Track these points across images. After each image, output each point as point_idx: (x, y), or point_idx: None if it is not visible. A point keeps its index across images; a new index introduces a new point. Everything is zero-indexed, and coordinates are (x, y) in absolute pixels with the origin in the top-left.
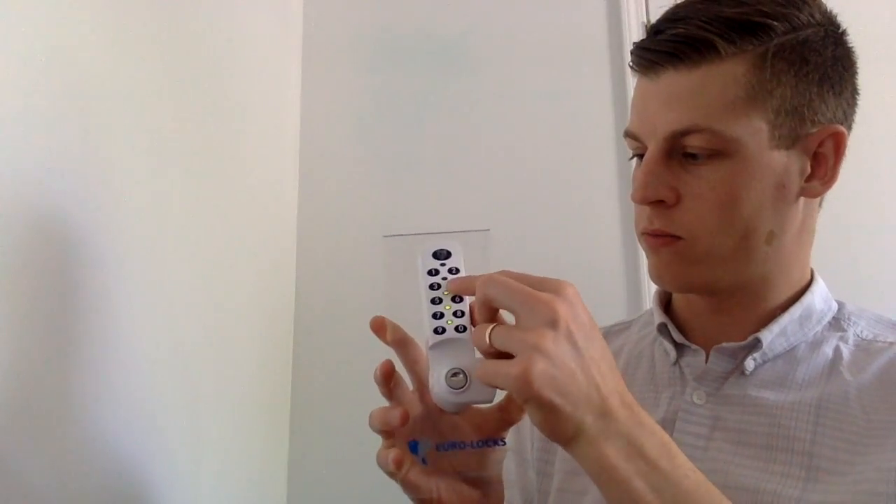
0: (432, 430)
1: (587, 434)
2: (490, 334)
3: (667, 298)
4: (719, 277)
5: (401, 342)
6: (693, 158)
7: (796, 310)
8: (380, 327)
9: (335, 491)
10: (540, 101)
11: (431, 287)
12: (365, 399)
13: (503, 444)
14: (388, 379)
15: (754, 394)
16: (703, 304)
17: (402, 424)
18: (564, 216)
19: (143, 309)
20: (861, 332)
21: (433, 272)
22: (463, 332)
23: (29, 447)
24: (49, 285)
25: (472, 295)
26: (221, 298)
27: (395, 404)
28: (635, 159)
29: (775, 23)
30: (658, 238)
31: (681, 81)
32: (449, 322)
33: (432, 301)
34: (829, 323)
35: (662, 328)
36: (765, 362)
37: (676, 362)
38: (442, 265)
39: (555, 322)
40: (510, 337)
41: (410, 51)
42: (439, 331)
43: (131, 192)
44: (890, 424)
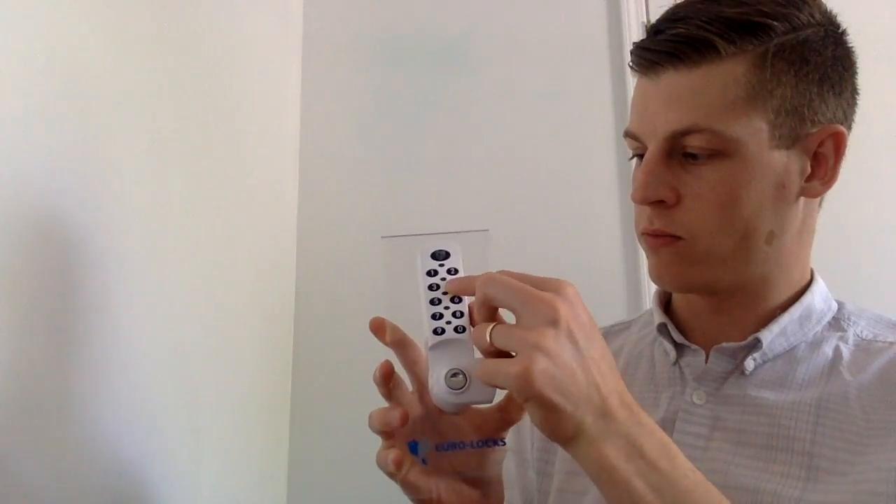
0: (432, 431)
1: (587, 434)
2: (491, 333)
3: (667, 298)
4: (719, 277)
5: (400, 343)
6: (693, 158)
7: (796, 310)
8: (379, 328)
9: (335, 491)
10: (540, 101)
11: (430, 288)
12: (365, 399)
13: (503, 445)
14: (388, 380)
15: (754, 394)
16: (703, 304)
17: (402, 425)
18: (564, 216)
19: (143, 309)
20: (861, 332)
21: (432, 273)
22: (462, 333)
23: (29, 447)
24: (49, 285)
25: (471, 295)
26: (221, 298)
27: (395, 405)
28: (635, 159)
29: (775, 23)
30: (658, 238)
31: (681, 81)
32: (448, 322)
33: (431, 302)
34: (829, 323)
35: (662, 328)
36: (765, 362)
37: (676, 362)
38: (441, 266)
39: (556, 321)
40: (511, 336)
41: (410, 51)
42: (438, 331)
43: (131, 192)
44: (890, 424)
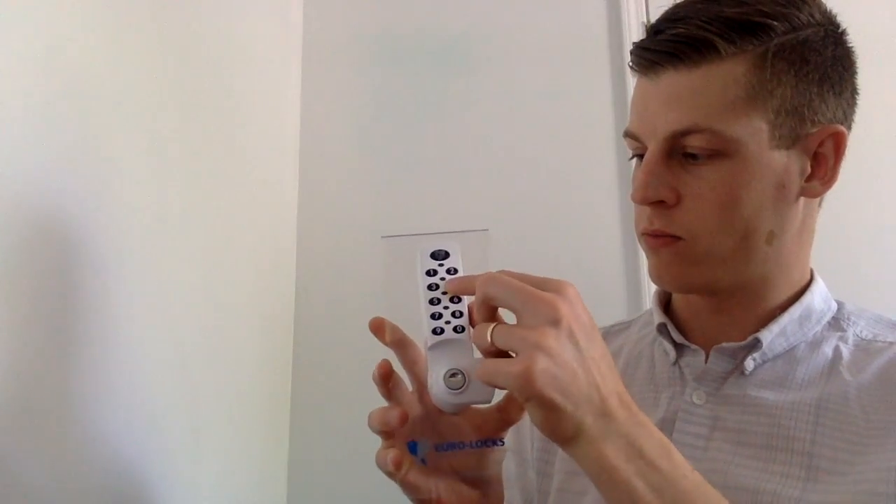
0: (431, 431)
1: (587, 434)
2: (492, 333)
3: (666, 298)
4: (719, 278)
5: (399, 343)
6: (693, 158)
7: (796, 310)
8: (378, 328)
9: (335, 491)
10: (540, 101)
11: (430, 287)
12: (365, 399)
13: (502, 445)
14: (387, 379)
15: (754, 394)
16: (703, 304)
17: (401, 425)
18: (564, 216)
19: (143, 309)
20: (861, 332)
21: (431, 272)
22: (461, 333)
23: (29, 447)
24: (49, 285)
25: (471, 295)
26: (221, 298)
27: (394, 404)
28: (635, 159)
29: (775, 23)
30: (658, 238)
31: (681, 81)
32: (447, 322)
33: (430, 301)
34: (829, 323)
35: (662, 328)
36: (764, 362)
37: (676, 362)
38: (440, 265)
39: (557, 321)
40: (512, 335)
41: (410, 51)
42: (437, 331)
43: (131, 192)
44: (890, 424)
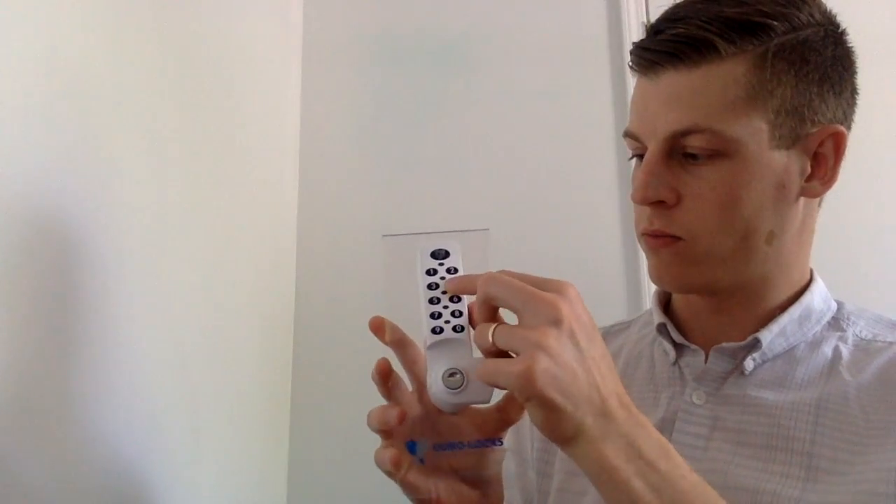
0: (431, 431)
1: (587, 434)
2: (493, 333)
3: (666, 298)
4: (719, 278)
5: (399, 342)
6: (693, 159)
7: (796, 310)
8: (378, 328)
9: (335, 491)
10: (540, 101)
11: (429, 287)
12: (365, 399)
13: (501, 445)
14: (386, 378)
15: (754, 394)
16: (703, 305)
17: (400, 424)
18: (564, 216)
19: (143, 309)
20: (860, 332)
21: (431, 272)
22: (461, 332)
23: (29, 447)
24: (49, 285)
25: (471, 294)
26: (221, 298)
27: (393, 404)
28: (635, 159)
29: (775, 23)
30: (658, 239)
31: (681, 81)
32: (446, 322)
33: (430, 301)
34: (829, 323)
35: (662, 328)
36: (764, 362)
37: (676, 362)
38: (440, 265)
39: (558, 321)
40: (513, 335)
41: (410, 51)
42: (437, 331)
43: (131, 192)
44: (889, 424)
